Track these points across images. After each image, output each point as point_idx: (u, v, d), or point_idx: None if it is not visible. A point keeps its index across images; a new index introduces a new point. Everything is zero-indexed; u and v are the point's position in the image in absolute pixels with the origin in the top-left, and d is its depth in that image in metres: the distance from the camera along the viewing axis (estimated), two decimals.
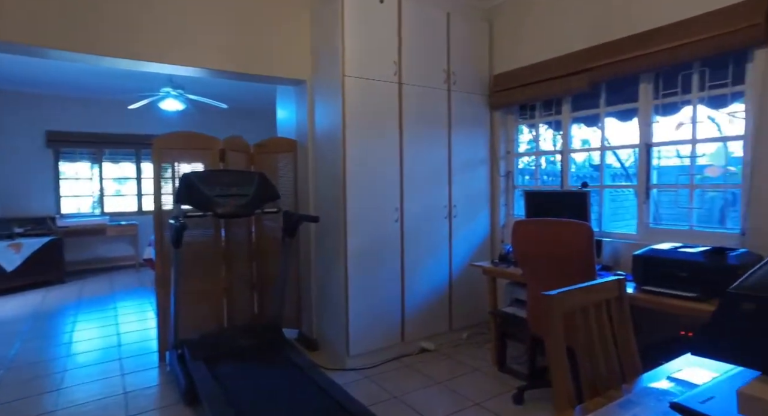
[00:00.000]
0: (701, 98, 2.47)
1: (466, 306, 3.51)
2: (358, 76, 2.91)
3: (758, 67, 2.20)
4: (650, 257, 2.19)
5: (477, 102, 3.51)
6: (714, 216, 2.63)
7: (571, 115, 3.14)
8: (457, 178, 3.40)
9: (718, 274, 1.96)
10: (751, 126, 2.24)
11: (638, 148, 2.76)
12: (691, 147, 2.55)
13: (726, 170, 4.20)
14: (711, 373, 1.14)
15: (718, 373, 1.14)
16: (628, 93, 2.80)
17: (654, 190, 2.73)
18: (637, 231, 2.78)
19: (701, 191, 2.54)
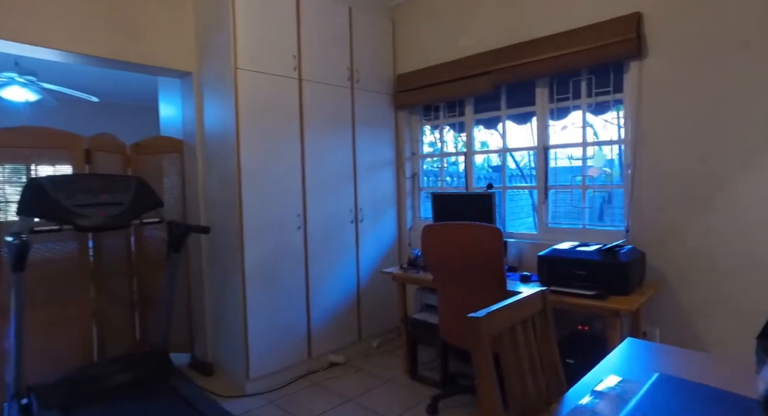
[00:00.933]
0: (589, 104, 2.61)
1: (375, 314, 3.39)
2: (253, 69, 2.62)
3: (633, 78, 2.36)
4: (553, 257, 2.24)
5: (382, 101, 3.41)
6: (604, 214, 2.81)
7: (474, 116, 3.17)
8: (363, 181, 3.27)
9: (612, 271, 2.05)
10: (630, 131, 2.41)
11: (536, 150, 2.86)
12: (582, 150, 2.68)
13: (603, 171, 4.57)
14: (622, 379, 1.12)
15: (632, 379, 1.12)
16: (526, 96, 2.89)
17: (552, 190, 2.84)
18: (537, 230, 2.87)
19: (591, 191, 2.70)
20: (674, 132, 2.26)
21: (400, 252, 3.60)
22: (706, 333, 2.21)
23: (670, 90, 2.26)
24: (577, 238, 2.67)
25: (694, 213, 2.21)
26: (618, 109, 2.57)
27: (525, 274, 2.45)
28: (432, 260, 2.39)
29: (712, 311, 2.18)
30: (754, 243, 2.06)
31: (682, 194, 2.25)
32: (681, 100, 2.22)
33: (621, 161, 3.89)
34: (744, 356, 2.09)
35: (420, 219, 3.58)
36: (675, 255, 2.28)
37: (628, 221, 2.44)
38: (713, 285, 2.18)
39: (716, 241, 2.16)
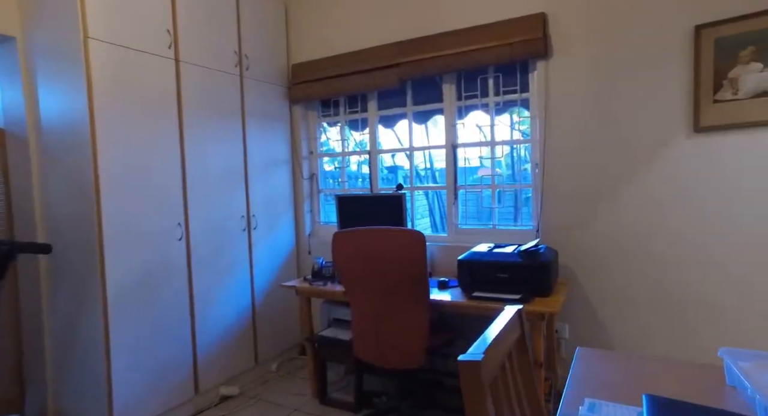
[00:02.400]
0: (497, 103, 2.57)
1: (274, 333, 2.99)
2: (113, 41, 2.07)
3: (540, 77, 2.37)
4: (474, 261, 2.12)
5: (275, 93, 3.02)
6: (518, 213, 2.81)
7: (377, 113, 2.97)
8: (256, 182, 2.85)
9: (535, 273, 2.00)
10: (538, 131, 2.41)
11: (444, 148, 2.75)
12: (490, 149, 2.64)
13: (494, 172, 4.66)
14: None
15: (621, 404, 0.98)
16: (431, 93, 2.77)
17: (461, 190, 2.76)
18: (447, 232, 2.77)
19: (500, 190, 2.67)
20: (578, 132, 2.30)
21: (299, 262, 3.24)
22: (612, 328, 2.29)
23: (573, 90, 2.30)
24: (487, 239, 2.62)
25: (598, 211, 2.28)
26: (511, 112, 2.57)
27: (443, 280, 2.30)
28: (345, 270, 2.11)
29: (617, 306, 2.27)
30: (652, 240, 2.18)
31: (587, 193, 2.30)
32: (584, 100, 2.28)
33: (514, 161, 4.03)
34: (649, 348, 2.21)
35: (320, 224, 3.27)
36: (582, 253, 2.34)
37: (538, 220, 2.45)
38: (618, 281, 2.26)
39: (619, 238, 2.24)
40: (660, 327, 2.19)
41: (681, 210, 2.12)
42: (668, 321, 2.17)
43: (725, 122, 2.01)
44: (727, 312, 2.06)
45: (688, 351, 2.14)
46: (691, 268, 2.11)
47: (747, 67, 1.96)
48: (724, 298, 2.06)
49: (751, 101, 1.96)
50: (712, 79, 2.02)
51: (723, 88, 2.00)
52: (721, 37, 1.99)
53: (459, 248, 2.61)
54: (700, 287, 2.10)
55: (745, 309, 2.02)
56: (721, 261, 2.05)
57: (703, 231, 2.08)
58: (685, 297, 2.13)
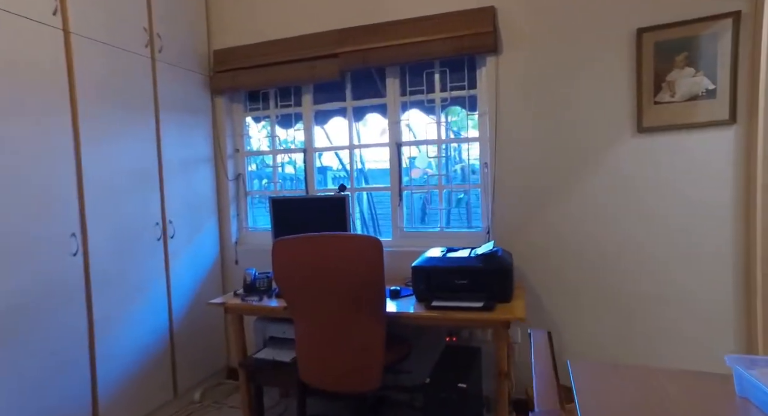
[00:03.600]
0: (444, 99, 2.46)
1: (195, 357, 2.60)
2: None
3: (490, 73, 2.30)
4: (431, 268, 1.97)
5: (195, 82, 2.63)
6: (471, 215, 2.72)
7: (313, 107, 2.71)
8: (173, 184, 2.45)
9: (496, 278, 1.90)
10: (488, 129, 2.34)
11: (388, 146, 2.58)
12: (437, 147, 2.52)
13: (425, 172, 4.62)
14: None
15: None
16: (372, 89, 2.59)
17: (407, 191, 2.60)
18: (393, 236, 2.60)
19: (448, 192, 2.56)
20: (527, 130, 2.26)
21: (226, 274, 2.87)
22: (565, 330, 2.27)
23: (523, 88, 2.25)
24: (436, 243, 2.50)
25: (549, 211, 2.26)
26: (447, 112, 2.49)
27: (394, 289, 2.12)
28: (288, 283, 1.84)
29: (569, 308, 2.26)
30: (600, 239, 2.19)
31: (537, 193, 2.27)
32: (533, 98, 2.24)
33: (449, 161, 3.94)
34: (601, 351, 2.21)
35: (248, 231, 2.92)
36: (533, 254, 2.30)
37: (489, 221, 2.37)
38: (570, 283, 2.25)
39: (570, 238, 2.23)
40: (611, 329, 2.21)
41: (627, 209, 2.15)
42: (618, 322, 2.20)
43: (664, 123, 2.07)
44: (671, 310, 2.12)
45: (638, 353, 2.18)
46: (635, 268, 2.16)
47: (682, 71, 2.04)
48: (667, 297, 2.13)
49: (684, 104, 2.04)
50: (652, 81, 2.07)
51: (662, 90, 2.07)
52: (660, 40, 2.05)
53: (406, 253, 2.45)
54: (646, 286, 2.15)
55: (687, 309, 2.10)
56: (663, 259, 2.12)
57: (647, 231, 2.13)
58: (634, 297, 2.17)
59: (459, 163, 4.14)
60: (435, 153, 2.54)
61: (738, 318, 2.04)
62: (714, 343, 2.08)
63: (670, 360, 2.13)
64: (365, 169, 4.42)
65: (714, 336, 2.08)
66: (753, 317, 2.00)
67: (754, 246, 1.97)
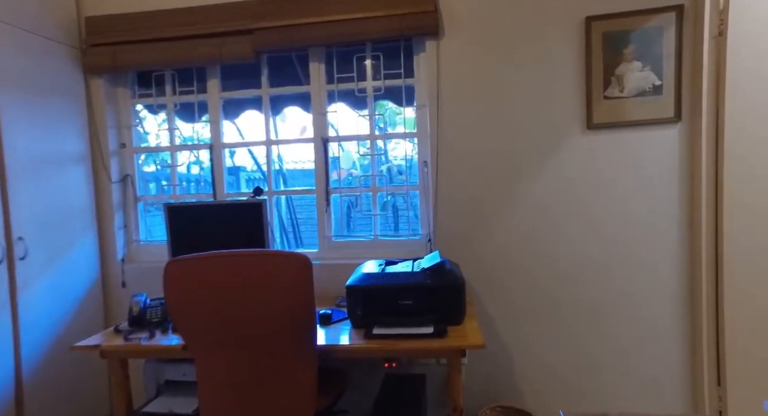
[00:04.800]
0: (377, 88, 2.14)
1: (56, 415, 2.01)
2: None
3: (430, 60, 2.03)
4: (369, 287, 1.63)
5: (59, 56, 2.05)
6: (399, 220, 2.41)
7: (221, 95, 2.25)
8: (22, 190, 1.85)
9: (448, 296, 1.61)
10: (428, 123, 2.06)
11: (313, 143, 2.20)
12: (371, 144, 2.20)
13: (349, 173, 4.31)
14: None
15: None
16: (293, 76, 2.20)
17: (335, 194, 2.24)
18: (320, 246, 2.23)
19: (383, 195, 2.24)
20: (473, 125, 2.02)
21: (109, 301, 2.30)
22: (517, 352, 2.06)
23: (468, 77, 2.01)
24: (368, 253, 2.17)
25: (497, 215, 2.03)
26: (376, 105, 2.20)
27: (324, 313, 1.75)
28: (186, 315, 1.40)
29: (520, 323, 2.05)
30: (550, 243, 2.01)
31: (484, 194, 2.03)
32: (479, 89, 2.00)
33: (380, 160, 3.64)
34: (553, 369, 2.03)
35: (140, 245, 2.37)
36: (480, 264, 2.06)
37: (430, 228, 2.09)
38: (520, 295, 2.04)
39: (519, 244, 2.02)
40: (562, 347, 2.03)
41: (576, 213, 1.99)
42: (569, 339, 2.03)
43: (614, 120, 1.94)
44: (621, 323, 2.00)
45: (590, 373, 2.03)
46: (587, 276, 2.00)
47: (630, 65, 1.92)
48: (617, 306, 1.99)
49: (633, 100, 1.92)
50: (602, 74, 1.93)
51: (611, 84, 1.93)
52: (608, 31, 1.91)
53: (337, 267, 2.09)
54: (596, 295, 2.00)
55: (635, 318, 1.99)
56: (606, 263, 1.98)
57: (595, 234, 1.99)
58: (585, 309, 2.01)
59: (385, 164, 3.85)
60: (364, 151, 2.21)
61: (683, 324, 1.96)
62: (661, 352, 1.98)
63: (621, 376, 2.01)
64: (284, 169, 3.98)
65: (661, 348, 1.98)
66: (698, 321, 1.92)
67: (699, 251, 1.89)
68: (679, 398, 1.98)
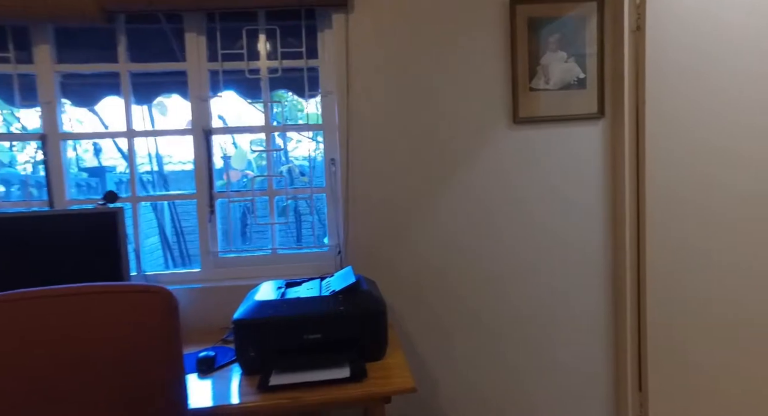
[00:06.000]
0: (273, 69, 1.75)
1: None
2: None
3: (338, 37, 1.69)
4: (264, 322, 1.24)
5: None
6: (302, 230, 2.02)
7: (56, 67, 1.69)
8: None
9: (365, 325, 1.29)
10: (337, 114, 1.73)
11: (192, 135, 1.74)
12: (266, 136, 1.80)
13: (245, 174, 3.82)
14: None
15: None
16: (165, 50, 1.72)
17: (221, 199, 1.80)
18: (203, 265, 1.77)
19: (281, 199, 1.85)
20: (390, 116, 1.72)
21: None
22: (444, 382, 1.80)
23: (383, 59, 1.71)
24: (267, 272, 1.77)
25: (420, 221, 1.76)
26: (274, 95, 1.84)
27: (204, 356, 1.32)
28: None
29: (447, 345, 1.80)
30: (481, 252, 1.78)
31: (403, 198, 1.75)
32: (396, 74, 1.71)
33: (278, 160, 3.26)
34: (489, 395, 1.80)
35: None
36: (401, 278, 1.77)
37: (340, 238, 1.75)
38: (446, 311, 1.79)
39: (446, 254, 1.77)
40: (493, 361, 1.82)
41: (503, 214, 1.79)
42: (503, 353, 1.82)
43: (540, 114, 1.77)
44: (549, 331, 1.84)
45: (525, 392, 1.84)
46: (516, 285, 1.81)
47: (555, 55, 1.77)
48: (544, 313, 1.84)
49: (558, 93, 1.78)
50: (527, 63, 1.75)
51: (537, 75, 1.76)
52: (533, 17, 1.74)
53: (225, 291, 1.66)
54: (524, 306, 1.82)
55: (565, 325, 1.85)
56: (534, 270, 1.82)
57: (524, 238, 1.81)
58: (518, 324, 1.82)
59: (286, 164, 3.42)
60: (260, 147, 1.81)
61: (608, 331, 1.87)
62: (589, 357, 1.87)
63: (552, 391, 1.85)
64: (165, 170, 3.36)
65: (590, 354, 1.87)
66: (622, 327, 1.84)
67: (622, 251, 1.80)
68: (605, 407, 1.88)
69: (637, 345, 1.82)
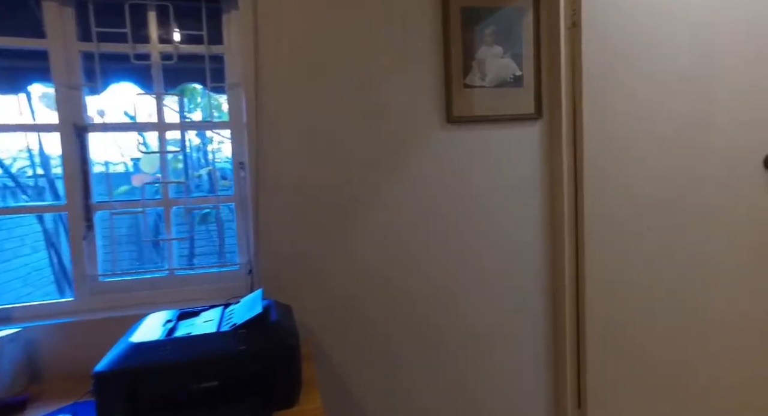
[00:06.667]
0: (167, 56, 1.46)
1: None
2: None
3: (244, 21, 1.43)
4: (137, 372, 0.96)
5: None
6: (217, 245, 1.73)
7: None
8: None
9: (272, 366, 1.04)
10: (245, 111, 1.46)
11: (60, 133, 1.40)
12: (159, 135, 1.50)
13: (155, 179, 3.41)
14: None
15: None
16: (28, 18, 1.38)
17: (102, 211, 1.47)
18: (76, 293, 1.43)
19: (179, 210, 1.55)
20: (306, 113, 1.49)
21: None
22: (373, 403, 1.59)
23: (300, 48, 1.47)
24: (160, 299, 1.47)
25: (340, 229, 1.54)
26: (183, 89, 1.57)
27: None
28: None
29: (384, 363, 1.59)
30: (416, 266, 1.60)
31: (322, 204, 1.52)
32: (317, 66, 1.49)
33: (191, 161, 2.97)
34: None
35: None
36: (324, 299, 1.54)
37: (251, 254, 1.49)
38: (377, 327, 1.58)
39: (378, 267, 1.56)
40: (436, 385, 1.64)
41: (437, 222, 1.62)
42: (443, 374, 1.65)
43: (475, 114, 1.62)
44: (485, 350, 1.69)
45: None
46: (450, 297, 1.65)
47: (491, 49, 1.63)
48: (483, 330, 1.68)
49: (494, 91, 1.64)
50: (461, 57, 1.59)
51: (472, 70, 1.61)
52: (466, 6, 1.59)
53: (102, 325, 1.34)
54: (464, 323, 1.66)
55: (506, 344, 1.71)
56: (471, 283, 1.67)
57: (460, 251, 1.64)
58: (453, 344, 1.65)
59: (206, 167, 3.07)
60: (175, 148, 1.51)
61: (548, 350, 1.76)
62: (529, 373, 1.74)
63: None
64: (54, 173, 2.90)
65: (530, 368, 1.74)
66: (561, 342, 1.73)
67: (561, 259, 1.69)
68: None
69: (576, 360, 1.72)
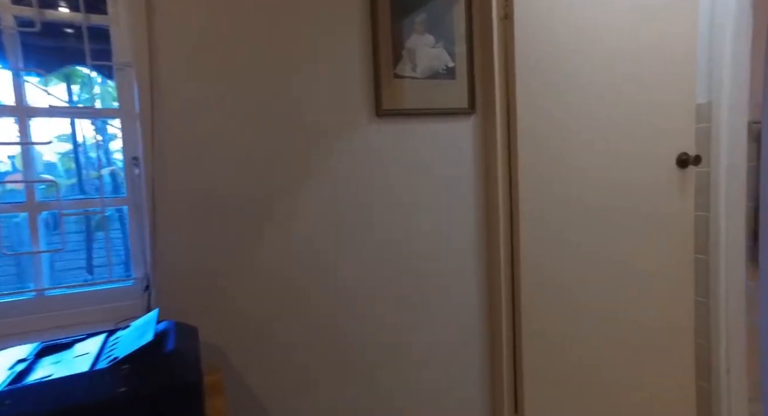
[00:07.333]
0: (25, 22, 1.17)
1: None
2: None
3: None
4: None
5: None
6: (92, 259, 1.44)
7: None
8: None
9: (169, 406, 0.83)
10: (134, 94, 1.22)
11: None
12: (20, 122, 1.21)
13: (42, 180, 2.99)
14: None
15: None
16: None
17: None
18: None
19: (50, 215, 1.27)
20: (213, 101, 1.28)
21: None
22: None
23: (202, 24, 1.25)
24: (27, 326, 1.18)
25: (255, 236, 1.34)
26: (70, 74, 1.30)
27: None
28: None
29: (308, 385, 1.40)
30: (340, 273, 1.43)
31: (232, 208, 1.31)
32: (222, 44, 1.28)
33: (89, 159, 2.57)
34: None
35: None
36: (238, 316, 1.33)
37: (147, 267, 1.24)
38: (299, 348, 1.40)
39: (297, 276, 1.38)
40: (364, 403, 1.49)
41: (364, 226, 1.48)
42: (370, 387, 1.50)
43: (406, 106, 1.50)
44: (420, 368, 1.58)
45: None
46: (380, 307, 1.51)
47: (422, 38, 1.51)
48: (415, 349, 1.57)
49: (426, 82, 1.53)
50: (391, 45, 1.46)
51: (402, 60, 1.48)
52: None
53: None
54: (394, 335, 1.53)
55: (438, 353, 1.60)
56: (401, 291, 1.55)
57: (389, 256, 1.51)
58: (393, 357, 1.51)
59: (110, 166, 2.72)
60: (64, 145, 1.22)
61: (483, 356, 1.68)
62: (464, 383, 1.66)
63: None
64: None
65: (464, 378, 1.66)
66: (498, 347, 1.67)
67: (497, 259, 1.63)
68: None
69: (512, 366, 1.66)
